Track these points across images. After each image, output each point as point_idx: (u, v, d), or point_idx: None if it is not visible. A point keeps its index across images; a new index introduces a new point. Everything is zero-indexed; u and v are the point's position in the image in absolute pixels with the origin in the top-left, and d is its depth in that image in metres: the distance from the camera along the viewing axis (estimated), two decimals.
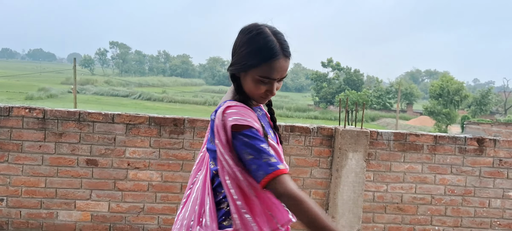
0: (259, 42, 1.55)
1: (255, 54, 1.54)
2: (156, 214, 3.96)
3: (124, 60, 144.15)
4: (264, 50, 1.54)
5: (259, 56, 1.54)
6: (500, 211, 4.31)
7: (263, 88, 1.60)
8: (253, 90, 1.61)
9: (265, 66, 1.55)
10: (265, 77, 1.57)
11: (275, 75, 1.57)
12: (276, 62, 1.55)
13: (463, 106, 56.77)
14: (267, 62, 1.54)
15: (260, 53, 1.54)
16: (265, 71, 1.56)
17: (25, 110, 3.76)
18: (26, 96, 50.41)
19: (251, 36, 1.56)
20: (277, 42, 1.56)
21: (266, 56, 1.54)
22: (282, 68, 1.57)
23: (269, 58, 1.54)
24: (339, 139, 3.98)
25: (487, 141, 4.24)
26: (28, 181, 3.81)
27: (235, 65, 1.60)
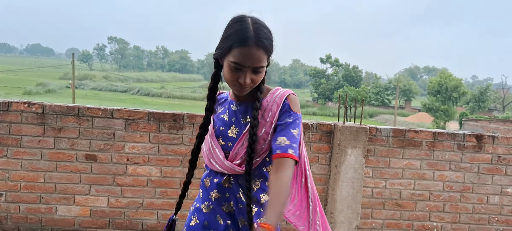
0: (235, 28, 1.58)
1: (228, 39, 1.58)
2: (155, 209, 3.96)
3: (122, 55, 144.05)
4: (237, 35, 1.57)
5: (231, 41, 1.57)
6: (498, 208, 4.32)
7: (235, 76, 1.60)
8: (227, 77, 1.64)
9: (236, 51, 1.56)
10: (235, 62, 1.57)
11: (245, 61, 1.57)
12: (246, 49, 1.55)
13: (461, 103, 56.92)
14: (238, 47, 1.56)
15: (233, 38, 1.57)
16: (236, 57, 1.57)
17: (24, 105, 3.75)
18: (24, 91, 50.30)
19: (231, 23, 1.61)
20: (252, 31, 1.57)
21: (237, 41, 1.56)
22: (253, 57, 1.56)
23: (240, 43, 1.55)
24: (338, 135, 3.98)
25: (486, 138, 4.24)
26: (27, 175, 3.80)
27: (217, 50, 1.66)
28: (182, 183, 3.90)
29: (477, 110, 55.35)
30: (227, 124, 1.75)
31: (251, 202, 1.68)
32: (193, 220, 1.80)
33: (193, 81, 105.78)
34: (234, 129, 1.73)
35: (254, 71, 1.60)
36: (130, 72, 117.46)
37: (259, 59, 1.58)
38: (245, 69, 1.58)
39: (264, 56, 1.59)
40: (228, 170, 1.70)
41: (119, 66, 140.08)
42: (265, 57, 1.60)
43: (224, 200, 1.74)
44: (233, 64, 1.58)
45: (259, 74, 1.62)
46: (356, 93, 54.13)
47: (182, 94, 66.31)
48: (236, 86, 1.63)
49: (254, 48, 1.56)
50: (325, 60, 77.95)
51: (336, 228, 4.05)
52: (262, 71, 1.63)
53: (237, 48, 1.56)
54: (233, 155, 1.71)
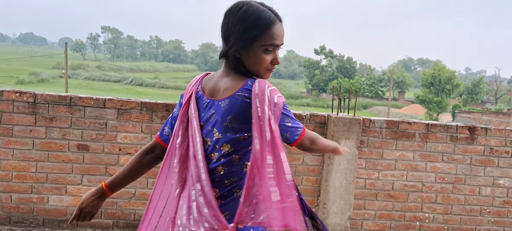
0: (253, 14, 1.57)
1: (254, 26, 1.56)
2: (147, 200, 3.95)
3: (116, 45, 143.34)
4: (261, 19, 1.57)
5: (259, 27, 1.56)
6: (490, 199, 4.35)
7: (269, 59, 1.62)
8: (260, 64, 1.61)
9: (267, 34, 1.57)
10: (269, 44, 1.59)
11: (278, 41, 1.60)
12: (275, 27, 1.59)
13: (454, 95, 57.24)
14: (268, 30, 1.57)
15: (259, 24, 1.56)
16: (268, 39, 1.58)
17: (15, 94, 3.71)
18: (17, 81, 49.96)
19: (243, 12, 1.58)
20: (268, 10, 1.59)
21: (265, 25, 1.57)
22: (281, 33, 1.62)
23: (268, 25, 1.57)
24: (332, 126, 3.98)
25: (479, 129, 4.26)
26: (18, 165, 3.78)
27: (236, 45, 1.59)
28: None
29: (470, 103, 55.71)
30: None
31: None
32: None
33: (187, 72, 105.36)
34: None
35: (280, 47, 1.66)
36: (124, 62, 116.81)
37: (284, 33, 1.64)
38: (276, 48, 1.63)
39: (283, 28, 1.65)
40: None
41: (113, 56, 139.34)
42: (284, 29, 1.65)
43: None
44: (268, 46, 1.59)
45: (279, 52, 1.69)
46: (350, 84, 54.20)
47: (175, 85, 66.08)
48: (269, 70, 1.65)
49: (279, 25, 1.61)
50: (319, 52, 77.96)
51: (329, 218, 4.06)
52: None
53: (269, 29, 1.57)
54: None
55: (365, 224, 4.24)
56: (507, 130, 4.30)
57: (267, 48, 1.59)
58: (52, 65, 78.88)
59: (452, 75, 51.97)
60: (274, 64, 1.65)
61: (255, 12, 1.57)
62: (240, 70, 1.64)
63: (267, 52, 1.60)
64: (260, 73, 1.64)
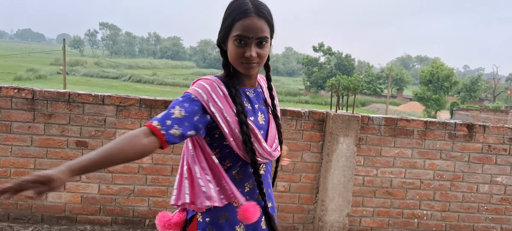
0: (232, 5, 1.59)
1: (229, 16, 1.58)
2: (146, 196, 3.95)
3: (114, 41, 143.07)
4: (236, 9, 1.56)
5: (232, 17, 1.56)
6: (487, 196, 4.36)
7: (241, 51, 1.57)
8: (234, 56, 1.59)
9: (238, 24, 1.55)
10: (239, 36, 1.55)
11: (249, 33, 1.55)
12: (248, 19, 1.54)
13: (452, 93, 57.29)
14: (238, 21, 1.55)
15: (233, 14, 1.56)
16: (239, 29, 1.55)
17: (14, 90, 3.71)
18: (15, 77, 49.79)
19: (229, 4, 1.61)
20: (251, 4, 1.57)
21: (238, 15, 1.55)
22: (256, 27, 1.55)
23: (241, 16, 1.55)
24: (330, 124, 3.99)
25: (477, 127, 4.27)
26: (17, 162, 3.77)
27: (219, 35, 1.64)
28: (173, 170, 3.90)
29: (468, 100, 55.76)
30: (252, 112, 1.69)
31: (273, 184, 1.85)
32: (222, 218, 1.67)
33: (185, 68, 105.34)
34: (261, 116, 1.71)
35: (258, 44, 1.58)
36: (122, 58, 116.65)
37: (261, 29, 1.56)
38: (250, 41, 1.56)
39: (266, 27, 1.58)
40: (270, 157, 1.71)
41: (111, 52, 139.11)
42: (267, 29, 1.58)
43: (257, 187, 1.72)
44: (237, 38, 1.55)
45: (264, 48, 1.60)
46: (348, 82, 54.18)
47: (174, 81, 66.02)
48: (243, 63, 1.59)
49: (255, 18, 1.55)
50: (318, 49, 77.81)
51: (328, 215, 4.07)
52: (267, 45, 1.60)
53: (239, 21, 1.55)
54: (271, 141, 1.71)
55: (363, 221, 4.25)
56: (505, 128, 4.31)
57: (239, 40, 1.56)
58: (50, 62, 78.67)
59: (451, 72, 51.95)
60: (250, 59, 1.57)
61: (235, 3, 1.58)
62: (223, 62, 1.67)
63: (238, 45, 1.56)
64: (236, 66, 1.62)
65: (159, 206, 3.97)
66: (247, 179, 1.70)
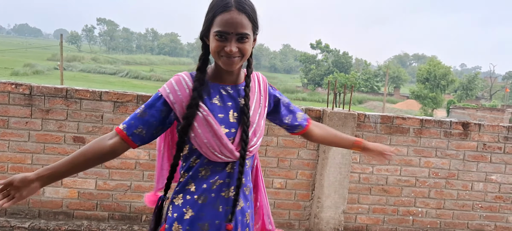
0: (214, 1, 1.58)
1: (210, 10, 1.57)
2: (143, 192, 3.97)
3: (111, 37, 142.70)
4: (218, 4, 1.55)
5: (213, 11, 1.56)
6: (482, 194, 4.40)
7: (221, 46, 1.56)
8: (213, 50, 1.58)
9: (218, 19, 1.54)
10: (219, 31, 1.54)
11: (228, 28, 1.53)
12: (228, 14, 1.53)
13: (449, 91, 57.42)
14: (220, 14, 1.54)
15: (214, 8, 1.56)
16: (219, 24, 1.54)
17: (11, 86, 3.71)
18: (12, 72, 49.66)
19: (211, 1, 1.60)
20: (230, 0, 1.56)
21: (218, 9, 1.54)
22: (235, 22, 1.53)
23: (221, 10, 1.53)
24: (327, 121, 4.01)
25: (472, 125, 4.30)
26: (14, 157, 3.78)
27: (202, 29, 1.64)
28: None
29: (464, 98, 55.90)
30: (224, 109, 1.66)
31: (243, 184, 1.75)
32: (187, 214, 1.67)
33: (183, 65, 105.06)
34: (232, 114, 1.66)
35: (239, 39, 1.56)
36: (119, 54, 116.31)
37: (242, 24, 1.54)
38: (230, 37, 1.54)
39: (248, 23, 1.56)
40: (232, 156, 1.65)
41: (108, 48, 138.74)
42: (249, 25, 1.56)
43: (225, 186, 1.68)
44: (217, 33, 1.54)
45: (245, 43, 1.57)
46: (345, 79, 54.27)
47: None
48: (223, 57, 1.57)
49: (235, 13, 1.53)
50: (315, 46, 77.87)
51: (323, 212, 4.10)
52: (248, 41, 1.58)
53: (219, 15, 1.53)
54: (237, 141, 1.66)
55: (359, 218, 4.28)
56: (500, 126, 4.34)
57: (219, 35, 1.54)
58: (47, 57, 78.45)
59: (447, 71, 52.10)
60: (230, 54, 1.56)
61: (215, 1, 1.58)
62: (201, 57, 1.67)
63: (218, 39, 1.55)
64: (216, 60, 1.62)
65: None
66: (213, 176, 1.67)
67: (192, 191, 1.68)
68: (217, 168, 1.67)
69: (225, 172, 1.68)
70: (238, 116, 1.67)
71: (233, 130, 1.65)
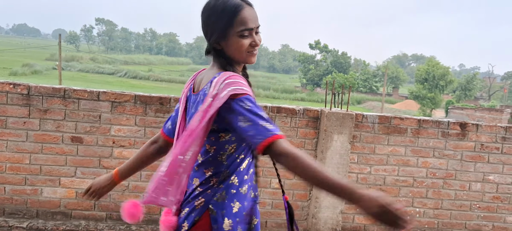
0: (221, 4, 1.62)
1: (223, 15, 1.61)
2: (141, 192, 3.97)
3: (110, 37, 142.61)
4: (228, 7, 1.61)
5: (228, 15, 1.61)
6: (479, 194, 4.41)
7: (246, 43, 1.64)
8: (239, 49, 1.64)
9: (237, 21, 1.61)
10: (242, 30, 1.62)
11: (250, 24, 1.63)
12: (244, 12, 1.62)
13: (448, 91, 57.51)
14: (237, 16, 1.61)
15: (226, 12, 1.61)
16: (240, 25, 1.61)
17: (9, 86, 3.71)
18: (10, 72, 49.57)
19: (212, 6, 1.64)
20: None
21: (233, 12, 1.60)
22: (252, 16, 1.64)
23: (236, 12, 1.61)
24: (325, 121, 4.02)
25: (470, 126, 4.31)
26: (12, 157, 3.78)
27: (214, 36, 1.65)
28: None
29: (463, 99, 55.99)
30: None
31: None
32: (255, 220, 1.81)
33: (181, 65, 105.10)
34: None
35: (256, 32, 1.68)
36: (118, 54, 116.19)
37: (256, 17, 1.66)
38: (251, 31, 1.65)
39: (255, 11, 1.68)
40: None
41: (107, 48, 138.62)
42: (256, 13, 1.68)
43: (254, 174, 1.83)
44: (242, 31, 1.62)
45: (259, 34, 1.70)
46: (344, 79, 54.31)
47: (170, 78, 65.88)
48: (250, 52, 1.67)
49: (248, 8, 1.64)
50: (314, 46, 77.93)
51: (321, 212, 4.10)
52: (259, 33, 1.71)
53: (238, 16, 1.61)
54: None
55: (356, 218, 4.29)
56: (498, 126, 4.35)
57: (242, 33, 1.62)
58: (45, 57, 78.36)
59: (446, 71, 52.19)
60: (254, 46, 1.67)
61: (222, 2, 1.62)
62: (222, 62, 1.68)
63: (243, 37, 1.63)
64: (242, 58, 1.68)
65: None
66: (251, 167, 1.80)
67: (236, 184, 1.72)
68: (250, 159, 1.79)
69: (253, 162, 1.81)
70: None
71: None
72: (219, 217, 1.66)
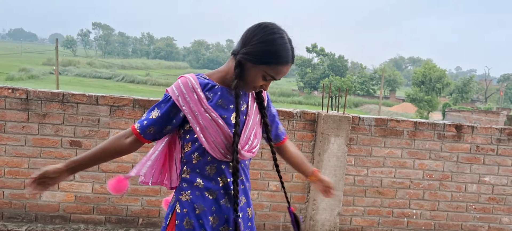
0: (278, 46, 1.67)
1: (272, 55, 1.67)
2: (139, 196, 3.99)
3: (107, 41, 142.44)
4: (281, 54, 1.67)
5: (276, 58, 1.67)
6: (475, 196, 4.44)
7: (262, 84, 1.73)
8: (254, 81, 1.72)
9: (276, 67, 1.69)
10: (272, 76, 1.70)
11: (279, 77, 1.72)
12: (285, 67, 1.70)
13: (445, 94, 57.59)
14: (280, 65, 1.68)
15: (276, 56, 1.67)
16: (274, 72, 1.69)
17: (8, 90, 3.73)
18: (7, 77, 49.46)
19: (273, 38, 1.67)
20: (290, 51, 1.70)
21: (280, 61, 1.67)
22: (285, 72, 1.73)
23: (281, 63, 1.68)
24: (322, 124, 4.05)
25: (465, 127, 4.35)
26: (11, 161, 3.80)
27: (249, 56, 1.68)
28: None
29: (460, 101, 56.10)
30: (227, 111, 1.76)
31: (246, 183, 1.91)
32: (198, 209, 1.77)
33: (179, 69, 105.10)
34: (235, 116, 1.75)
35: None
36: (115, 59, 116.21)
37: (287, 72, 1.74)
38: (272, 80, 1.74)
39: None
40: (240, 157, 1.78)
41: (104, 52, 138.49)
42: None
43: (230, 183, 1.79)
44: (268, 76, 1.70)
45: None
46: (341, 83, 54.39)
47: (167, 82, 65.70)
48: (252, 88, 1.76)
49: (289, 66, 1.72)
50: (311, 50, 78.03)
51: (319, 214, 4.13)
52: None
53: (278, 65, 1.68)
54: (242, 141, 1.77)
55: (354, 220, 4.32)
56: (493, 128, 4.39)
57: (267, 77, 1.71)
58: (42, 62, 78.24)
59: (443, 74, 52.26)
60: (261, 87, 1.76)
61: (280, 46, 1.67)
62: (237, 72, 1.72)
63: (264, 78, 1.72)
64: (247, 86, 1.75)
65: (153, 205, 4.01)
66: (219, 174, 1.78)
67: (201, 187, 1.78)
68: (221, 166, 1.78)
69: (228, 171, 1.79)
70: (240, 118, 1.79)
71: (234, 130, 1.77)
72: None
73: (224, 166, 1.77)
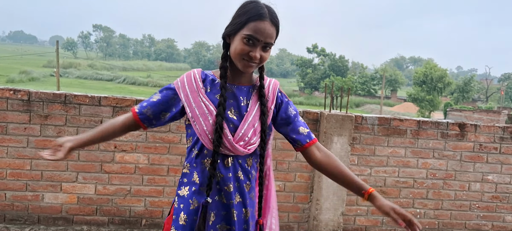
0: (250, 6, 1.67)
1: (243, 14, 1.66)
2: (142, 196, 3.98)
3: (108, 43, 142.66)
4: (253, 11, 1.65)
5: (247, 15, 1.65)
6: (479, 194, 4.43)
7: (245, 49, 1.66)
8: (237, 51, 1.67)
9: (251, 24, 1.64)
10: (250, 35, 1.64)
11: (260, 36, 1.64)
12: (262, 23, 1.64)
13: (446, 93, 57.52)
14: (254, 21, 1.64)
15: (249, 13, 1.65)
16: (251, 30, 1.64)
17: (9, 92, 3.73)
18: (7, 79, 49.48)
19: (244, 4, 1.69)
20: (266, 9, 1.66)
21: (253, 15, 1.64)
22: (267, 31, 1.65)
23: (256, 18, 1.64)
24: (325, 123, 4.03)
25: (468, 126, 4.33)
26: (13, 163, 3.79)
27: (227, 28, 1.71)
28: (169, 170, 3.93)
29: (461, 101, 56.02)
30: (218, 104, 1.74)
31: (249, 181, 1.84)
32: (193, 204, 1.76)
33: (180, 70, 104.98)
34: (233, 110, 1.75)
35: (264, 48, 1.68)
36: (116, 60, 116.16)
37: (271, 35, 1.66)
38: (258, 43, 1.66)
39: (274, 34, 1.69)
40: (233, 151, 1.74)
41: (105, 54, 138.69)
42: (274, 36, 1.69)
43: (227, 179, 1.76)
44: (247, 36, 1.64)
45: (267, 52, 1.71)
46: (342, 83, 54.37)
47: (168, 83, 65.76)
48: (245, 60, 1.68)
49: (268, 24, 1.65)
50: (311, 50, 78.06)
51: (322, 214, 4.11)
52: (269, 51, 1.72)
53: (253, 22, 1.63)
54: (238, 136, 1.74)
55: (357, 219, 4.30)
56: (496, 127, 4.37)
57: (248, 39, 1.64)
58: (42, 64, 78.29)
59: (444, 73, 52.19)
60: (253, 59, 1.67)
61: (251, 4, 1.67)
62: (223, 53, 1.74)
63: (247, 43, 1.65)
64: (236, 61, 1.71)
65: (156, 206, 4.00)
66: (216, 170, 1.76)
67: (197, 183, 1.77)
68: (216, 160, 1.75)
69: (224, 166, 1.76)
70: (238, 114, 1.77)
71: (231, 125, 1.74)
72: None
73: (219, 161, 1.75)
